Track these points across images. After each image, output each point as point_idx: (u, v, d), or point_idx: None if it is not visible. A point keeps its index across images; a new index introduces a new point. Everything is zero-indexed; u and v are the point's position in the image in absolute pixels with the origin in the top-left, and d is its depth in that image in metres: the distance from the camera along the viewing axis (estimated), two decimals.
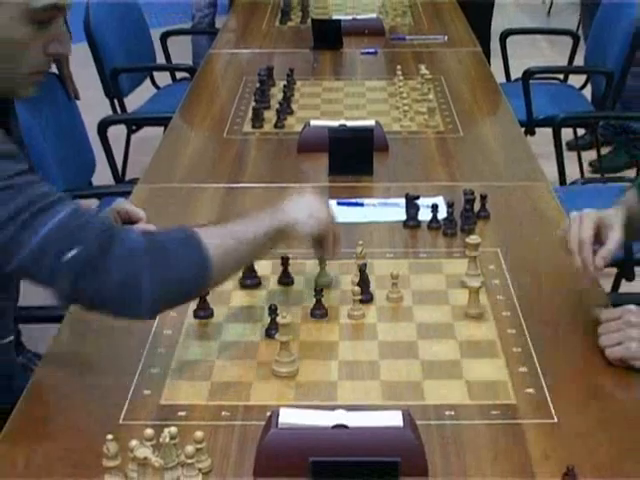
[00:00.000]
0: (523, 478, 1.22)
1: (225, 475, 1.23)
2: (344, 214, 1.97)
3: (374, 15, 3.68)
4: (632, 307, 1.47)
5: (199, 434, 1.22)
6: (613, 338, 1.44)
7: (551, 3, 7.36)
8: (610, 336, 1.44)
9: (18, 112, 2.40)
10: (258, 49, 3.38)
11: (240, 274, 1.70)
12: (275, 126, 2.53)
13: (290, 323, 1.45)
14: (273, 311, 1.51)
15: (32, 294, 2.63)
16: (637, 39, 3.38)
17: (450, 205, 1.90)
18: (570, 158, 3.58)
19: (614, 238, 1.52)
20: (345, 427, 1.23)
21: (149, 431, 1.21)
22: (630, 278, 2.59)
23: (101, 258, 1.31)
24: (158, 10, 5.58)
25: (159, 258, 1.36)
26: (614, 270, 2.56)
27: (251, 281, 1.70)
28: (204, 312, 1.60)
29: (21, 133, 2.37)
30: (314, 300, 1.60)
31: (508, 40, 4.02)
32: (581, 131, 4.30)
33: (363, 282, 1.64)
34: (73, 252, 1.29)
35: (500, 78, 3.43)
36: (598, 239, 1.52)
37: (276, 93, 2.73)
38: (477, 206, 1.93)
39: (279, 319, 1.44)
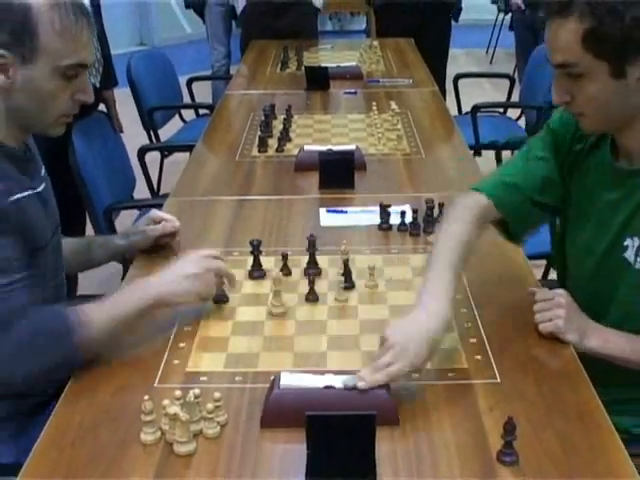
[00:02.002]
0: (473, 426, 1.22)
1: (238, 427, 1.23)
2: (332, 220, 1.98)
3: (354, 63, 3.66)
4: (561, 291, 1.46)
5: (217, 394, 1.22)
6: (545, 316, 1.43)
7: (493, 54, 7.38)
8: (543, 314, 1.44)
9: (76, 145, 2.41)
10: (263, 90, 3.37)
11: (249, 267, 1.69)
12: (276, 150, 2.52)
13: (280, 278, 1.53)
14: (256, 247, 1.65)
15: (87, 287, 2.65)
16: None
17: (415, 211, 1.89)
18: None
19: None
20: (333, 388, 1.23)
21: (178, 392, 1.21)
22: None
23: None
24: (184, 61, 5.57)
25: (32, 356, 1.30)
26: (544, 261, 2.56)
27: (258, 273, 1.68)
28: (221, 298, 1.59)
29: (78, 162, 2.38)
30: (308, 287, 1.59)
31: (459, 82, 4.02)
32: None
33: (346, 273, 1.63)
34: None
35: (453, 112, 3.42)
36: None
37: (277, 125, 2.72)
38: (436, 212, 1.91)
39: (275, 275, 1.54)
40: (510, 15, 5.66)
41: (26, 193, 1.42)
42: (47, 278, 1.52)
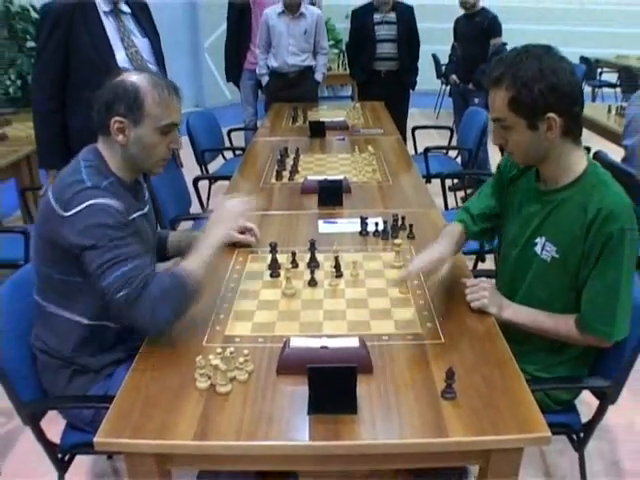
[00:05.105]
0: (424, 373, 1.20)
1: (261, 374, 1.21)
2: (327, 228, 1.96)
3: (342, 119, 3.64)
4: (484, 279, 1.46)
5: (246, 351, 1.21)
6: (474, 297, 1.42)
7: (438, 112, 7.37)
8: (472, 295, 1.43)
9: (152, 176, 2.41)
10: (279, 137, 3.34)
11: (268, 263, 1.66)
12: (288, 179, 2.49)
13: (291, 269, 1.54)
14: (274, 248, 1.60)
15: None
16: (484, 132, 3.39)
17: (385, 222, 1.88)
18: (450, 196, 3.55)
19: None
20: (327, 347, 1.22)
21: (219, 350, 1.20)
22: (483, 260, 2.58)
23: (138, 296, 1.26)
24: (226, 117, 5.54)
25: (169, 299, 1.29)
26: (474, 256, 2.55)
27: (274, 272, 1.64)
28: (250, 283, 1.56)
29: (153, 188, 2.38)
30: (310, 276, 1.58)
31: (416, 132, 3.99)
32: (456, 180, 4.29)
33: (337, 266, 1.61)
34: (124, 292, 1.26)
35: (411, 152, 3.39)
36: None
37: (289, 161, 2.69)
38: (399, 223, 1.89)
39: (288, 266, 1.56)
40: (449, 86, 5.65)
41: (137, 214, 1.45)
42: None
